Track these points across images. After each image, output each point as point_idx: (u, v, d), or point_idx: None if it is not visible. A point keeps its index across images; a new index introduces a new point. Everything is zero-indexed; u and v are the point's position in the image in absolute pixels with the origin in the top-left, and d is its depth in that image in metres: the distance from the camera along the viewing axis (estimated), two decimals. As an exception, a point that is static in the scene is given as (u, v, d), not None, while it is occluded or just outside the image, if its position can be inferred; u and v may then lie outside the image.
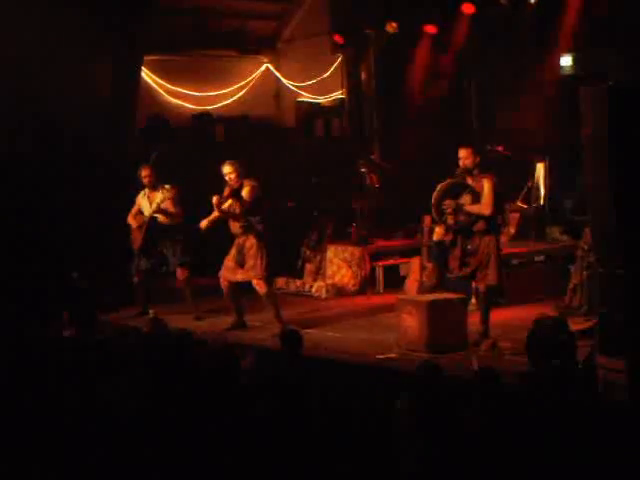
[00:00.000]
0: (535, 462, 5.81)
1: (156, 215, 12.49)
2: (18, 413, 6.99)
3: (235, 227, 11.55)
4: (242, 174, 11.47)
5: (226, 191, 11.49)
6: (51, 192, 13.45)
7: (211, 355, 7.91)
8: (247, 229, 11.48)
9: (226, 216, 11.49)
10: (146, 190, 12.67)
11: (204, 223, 11.55)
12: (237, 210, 11.42)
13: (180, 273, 12.65)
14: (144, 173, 12.60)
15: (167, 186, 12.49)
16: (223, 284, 11.71)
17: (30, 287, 12.56)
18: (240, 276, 11.59)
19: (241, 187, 11.43)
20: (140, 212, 12.68)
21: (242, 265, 11.57)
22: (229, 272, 11.65)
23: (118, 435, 6.60)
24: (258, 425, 6.53)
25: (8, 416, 7.00)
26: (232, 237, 11.66)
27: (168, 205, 12.47)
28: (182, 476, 6.27)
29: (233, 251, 11.64)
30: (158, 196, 12.48)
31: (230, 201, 11.45)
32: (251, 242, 11.51)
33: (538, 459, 5.82)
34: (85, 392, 7.20)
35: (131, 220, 12.69)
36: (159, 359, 7.75)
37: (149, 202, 12.58)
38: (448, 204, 10.27)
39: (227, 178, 11.46)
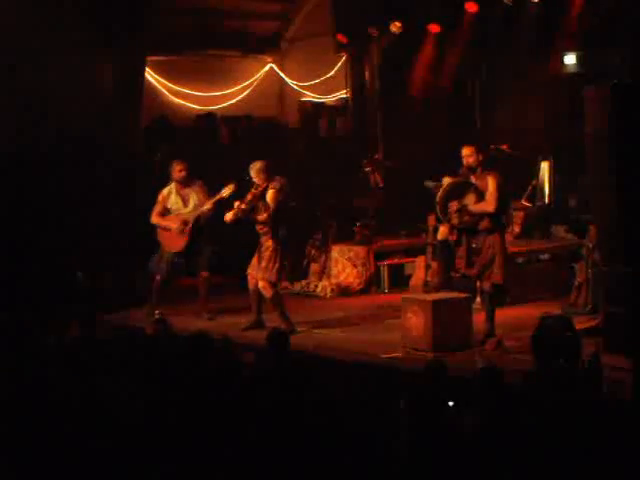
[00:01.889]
0: (539, 462, 5.80)
1: (205, 210, 12.26)
2: (19, 414, 6.99)
3: (258, 228, 11.58)
4: (268, 177, 11.49)
5: (249, 195, 11.49)
6: (54, 192, 13.44)
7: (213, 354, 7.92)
8: (270, 229, 11.49)
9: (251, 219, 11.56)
10: (174, 186, 12.43)
11: (229, 216, 11.56)
12: (262, 216, 11.44)
13: (205, 273, 12.57)
14: (179, 167, 12.34)
15: (199, 181, 12.46)
16: (250, 282, 11.71)
17: (33, 287, 12.57)
18: (258, 276, 11.63)
19: (266, 190, 11.47)
20: (167, 211, 12.46)
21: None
22: (254, 269, 11.67)
23: (120, 436, 6.60)
24: (257, 423, 6.53)
25: (9, 417, 7.00)
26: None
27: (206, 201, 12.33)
28: (183, 476, 6.27)
29: (257, 250, 11.67)
30: (194, 193, 12.34)
31: (248, 203, 11.48)
32: (268, 244, 11.51)
33: (542, 458, 5.81)
34: (87, 393, 7.20)
35: (160, 220, 12.39)
36: (163, 361, 7.76)
37: (182, 199, 12.37)
38: (452, 205, 10.28)
39: (254, 180, 11.52)
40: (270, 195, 11.41)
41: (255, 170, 11.49)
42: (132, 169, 14.38)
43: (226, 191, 11.97)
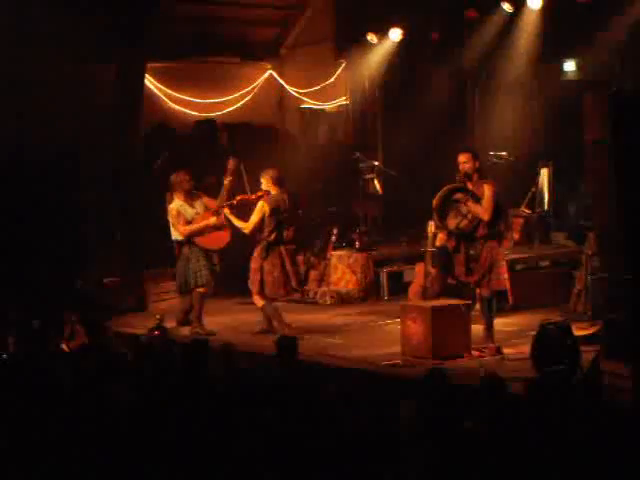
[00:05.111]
0: (539, 468, 5.80)
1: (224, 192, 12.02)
2: (19, 420, 6.99)
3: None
4: (263, 188, 11.64)
5: (239, 196, 11.72)
6: (54, 198, 13.45)
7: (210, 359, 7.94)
8: (258, 241, 11.61)
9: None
10: (181, 197, 12.08)
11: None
12: (241, 224, 11.59)
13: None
14: (188, 177, 12.05)
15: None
16: None
17: (33, 294, 12.56)
18: None
19: (257, 200, 11.61)
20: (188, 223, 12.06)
21: None
22: None
23: (119, 441, 6.59)
24: (259, 430, 6.53)
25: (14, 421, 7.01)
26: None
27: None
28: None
29: None
30: (198, 198, 12.18)
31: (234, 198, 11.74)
32: (254, 255, 11.69)
33: (542, 465, 5.81)
34: (87, 399, 7.20)
35: (194, 226, 11.94)
36: (160, 367, 7.76)
37: (192, 207, 12.10)
38: (458, 195, 10.25)
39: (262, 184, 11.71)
40: (255, 209, 11.59)
41: (262, 174, 11.68)
42: (132, 175, 14.37)
43: (231, 164, 11.94)
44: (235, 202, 11.79)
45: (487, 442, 6.05)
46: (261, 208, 11.54)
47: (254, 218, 11.53)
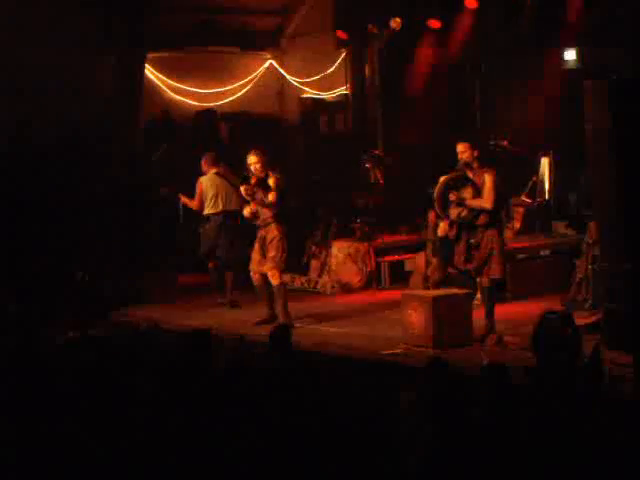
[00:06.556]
0: (541, 458, 5.79)
1: None
2: (18, 414, 7.00)
3: (265, 214, 11.59)
4: (267, 164, 11.57)
5: (252, 180, 11.60)
6: (54, 190, 13.44)
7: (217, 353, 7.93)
8: (275, 218, 11.53)
9: (258, 204, 11.61)
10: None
11: (248, 211, 11.74)
12: (268, 199, 11.48)
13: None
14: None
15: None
16: (254, 277, 11.76)
17: (33, 286, 12.56)
18: (266, 267, 11.63)
19: (266, 177, 11.53)
20: None
21: (265, 256, 11.64)
22: (257, 264, 11.68)
23: (121, 433, 6.59)
24: (258, 422, 6.52)
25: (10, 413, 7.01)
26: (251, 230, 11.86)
27: None
28: (182, 476, 6.27)
29: (257, 244, 11.71)
30: None
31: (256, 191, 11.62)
32: (273, 234, 11.56)
33: (544, 455, 5.81)
34: (89, 391, 7.20)
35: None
36: (160, 358, 7.77)
37: None
38: (451, 195, 10.27)
39: (252, 168, 11.57)
40: (272, 181, 11.47)
41: (254, 158, 11.56)
42: (132, 166, 14.37)
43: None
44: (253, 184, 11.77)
45: (486, 431, 6.05)
46: (279, 182, 11.51)
47: (277, 195, 11.50)
